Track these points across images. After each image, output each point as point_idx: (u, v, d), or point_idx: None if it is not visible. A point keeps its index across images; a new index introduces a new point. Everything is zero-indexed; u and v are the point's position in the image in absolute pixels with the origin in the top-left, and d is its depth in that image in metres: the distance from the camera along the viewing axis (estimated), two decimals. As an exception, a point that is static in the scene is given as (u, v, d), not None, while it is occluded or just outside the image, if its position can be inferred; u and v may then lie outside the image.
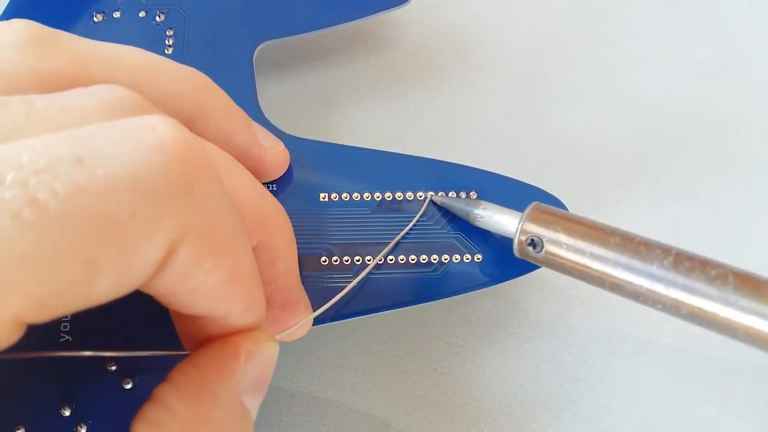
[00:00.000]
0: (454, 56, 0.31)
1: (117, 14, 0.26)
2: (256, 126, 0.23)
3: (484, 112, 0.30)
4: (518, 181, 0.24)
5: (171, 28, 0.26)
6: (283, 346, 0.24)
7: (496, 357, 0.25)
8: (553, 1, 0.33)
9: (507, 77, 0.31)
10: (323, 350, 0.25)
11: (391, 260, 0.22)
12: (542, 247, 0.20)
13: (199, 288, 0.16)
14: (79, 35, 0.25)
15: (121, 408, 0.20)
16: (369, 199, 0.23)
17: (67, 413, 0.20)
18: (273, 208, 0.19)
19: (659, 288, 0.19)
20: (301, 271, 0.22)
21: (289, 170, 0.23)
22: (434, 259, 0.22)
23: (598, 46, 0.32)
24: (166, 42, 0.25)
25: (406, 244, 0.22)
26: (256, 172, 0.22)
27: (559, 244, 0.20)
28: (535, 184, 0.24)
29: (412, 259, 0.22)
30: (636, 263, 0.19)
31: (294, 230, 0.22)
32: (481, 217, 0.22)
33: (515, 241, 0.21)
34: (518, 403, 0.25)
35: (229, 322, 0.18)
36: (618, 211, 0.28)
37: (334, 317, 0.22)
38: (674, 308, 0.19)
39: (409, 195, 0.23)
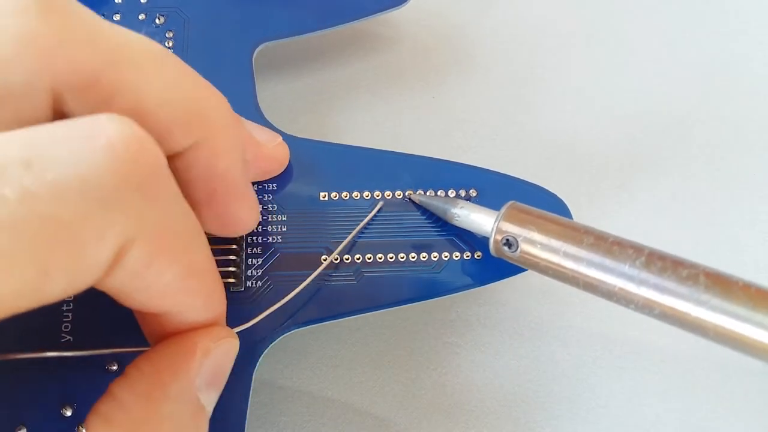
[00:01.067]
0: (452, 56, 0.31)
1: (117, 17, 0.26)
2: (251, 123, 0.23)
3: (483, 112, 0.30)
4: (518, 179, 0.24)
5: (171, 31, 0.26)
6: (283, 345, 0.24)
7: (495, 357, 0.25)
8: (551, 1, 0.33)
9: (506, 77, 0.31)
10: (323, 350, 0.25)
11: (390, 258, 0.22)
12: (517, 246, 0.20)
13: (153, 287, 0.16)
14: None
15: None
16: (369, 198, 0.23)
17: (68, 413, 0.20)
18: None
19: (631, 287, 0.19)
20: (300, 269, 0.22)
21: (289, 170, 0.23)
22: (434, 257, 0.22)
23: (596, 46, 0.32)
24: (166, 44, 0.26)
25: (406, 242, 0.22)
26: (255, 170, 0.22)
27: (534, 243, 0.20)
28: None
29: (412, 257, 0.22)
30: (608, 262, 0.19)
31: (295, 229, 0.22)
32: (458, 216, 0.22)
33: (491, 240, 0.21)
34: (517, 402, 0.25)
35: (186, 318, 0.18)
36: (617, 211, 0.28)
37: (334, 316, 0.22)
38: (646, 308, 0.19)
39: (409, 193, 0.23)
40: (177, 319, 0.17)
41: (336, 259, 0.22)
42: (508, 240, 0.20)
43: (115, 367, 0.20)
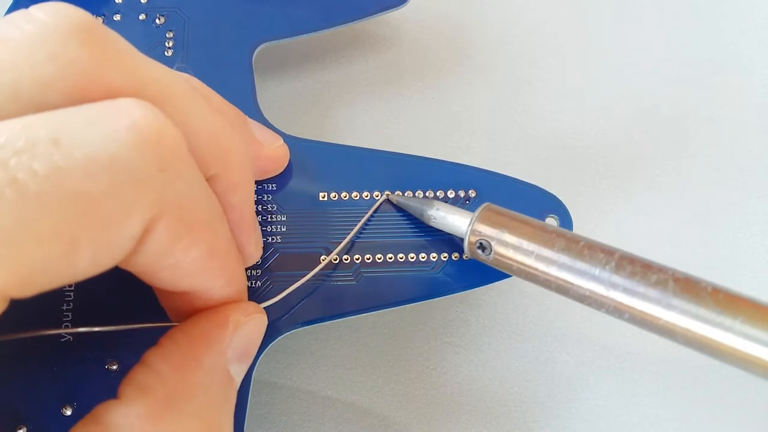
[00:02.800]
0: (452, 57, 0.31)
1: (117, 17, 0.26)
2: (253, 123, 0.23)
3: (482, 113, 0.30)
4: (517, 179, 0.24)
5: (171, 31, 0.26)
6: (283, 345, 0.24)
7: (494, 357, 0.26)
8: (550, 1, 0.33)
9: (505, 78, 0.31)
10: (323, 350, 0.25)
11: (390, 258, 0.22)
12: (491, 250, 0.20)
13: (179, 264, 0.16)
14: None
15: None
16: (368, 198, 0.23)
17: (68, 413, 0.20)
18: (232, 143, 0.19)
19: (602, 291, 0.19)
20: (299, 270, 0.22)
21: (289, 170, 0.23)
22: (433, 257, 0.22)
23: (596, 46, 0.32)
24: (166, 44, 0.26)
25: (405, 243, 0.23)
26: (255, 169, 0.22)
27: (507, 245, 0.20)
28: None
29: (411, 257, 0.22)
30: (580, 266, 0.19)
31: (294, 229, 0.23)
32: (434, 218, 0.22)
33: (465, 242, 0.21)
34: (517, 402, 0.25)
35: (212, 296, 0.18)
36: (615, 211, 0.28)
37: (334, 316, 0.22)
38: (617, 312, 0.19)
39: (408, 194, 0.23)
40: (203, 297, 0.18)
41: (336, 259, 0.22)
42: (481, 243, 0.21)
43: (115, 367, 0.21)
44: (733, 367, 0.17)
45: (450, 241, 0.23)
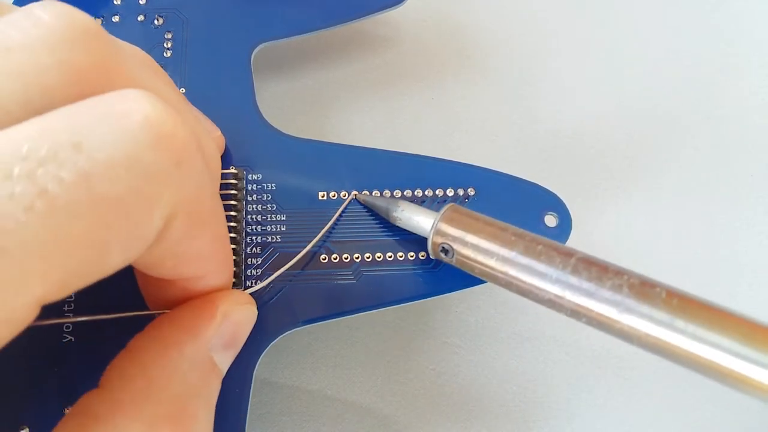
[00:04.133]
0: (452, 57, 0.32)
1: (116, 18, 0.26)
2: (195, 110, 0.23)
3: (482, 113, 0.30)
4: (516, 177, 0.24)
5: (170, 32, 0.26)
6: (283, 345, 0.25)
7: (494, 357, 0.26)
8: (550, 1, 0.33)
9: (505, 78, 0.31)
10: (323, 350, 0.26)
11: (390, 257, 0.22)
12: (453, 254, 0.21)
13: (186, 253, 0.17)
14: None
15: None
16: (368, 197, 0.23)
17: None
18: (207, 142, 0.20)
19: (560, 293, 0.19)
20: (301, 269, 0.22)
21: (288, 170, 0.24)
22: (375, 194, 0.23)
23: (595, 46, 0.32)
24: (165, 45, 0.26)
25: (404, 241, 0.23)
26: None
27: (468, 246, 0.20)
28: (532, 183, 0.24)
29: (411, 256, 0.23)
30: (539, 268, 0.19)
31: (294, 229, 0.23)
32: (400, 219, 0.22)
33: (429, 243, 0.21)
34: (516, 402, 0.25)
35: (205, 284, 0.19)
36: (616, 211, 0.29)
37: (334, 315, 0.22)
38: (575, 315, 0.19)
39: (407, 192, 0.23)
40: (196, 285, 0.19)
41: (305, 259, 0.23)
42: (444, 248, 0.21)
43: None
44: (690, 370, 0.17)
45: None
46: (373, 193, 0.23)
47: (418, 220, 0.22)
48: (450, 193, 0.23)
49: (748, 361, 0.16)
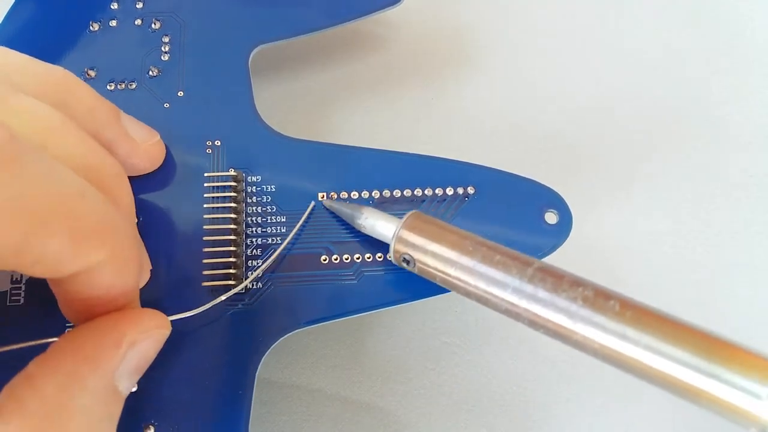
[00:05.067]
0: (451, 58, 0.32)
1: (113, 23, 0.27)
2: (128, 118, 0.23)
3: (481, 113, 0.31)
4: (514, 174, 0.24)
5: (167, 35, 0.26)
6: (283, 345, 0.25)
7: (493, 357, 0.26)
8: (550, 2, 0.34)
9: (504, 78, 0.32)
10: (323, 350, 0.26)
11: (390, 256, 0.23)
12: (414, 263, 0.21)
13: (45, 257, 0.16)
14: (77, 45, 0.26)
15: (126, 410, 0.20)
16: (367, 197, 0.24)
17: None
18: (108, 164, 0.20)
19: (517, 302, 0.19)
20: (301, 270, 0.23)
21: (288, 171, 0.24)
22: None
23: (594, 46, 0.33)
24: (163, 49, 0.26)
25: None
26: (127, 166, 0.22)
27: (429, 253, 0.20)
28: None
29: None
30: (498, 276, 0.19)
31: (293, 230, 0.23)
32: (363, 227, 0.22)
33: (391, 250, 0.21)
34: (515, 402, 0.25)
35: (102, 280, 0.17)
36: (615, 211, 0.29)
37: (335, 315, 0.22)
38: (533, 324, 0.19)
39: (407, 192, 0.24)
40: (96, 281, 0.17)
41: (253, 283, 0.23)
42: (405, 259, 0.21)
43: None
44: (644, 381, 0.17)
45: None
46: (372, 194, 0.24)
47: (381, 227, 0.22)
48: (450, 191, 0.24)
49: (702, 373, 0.16)
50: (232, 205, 0.23)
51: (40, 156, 0.16)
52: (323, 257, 0.23)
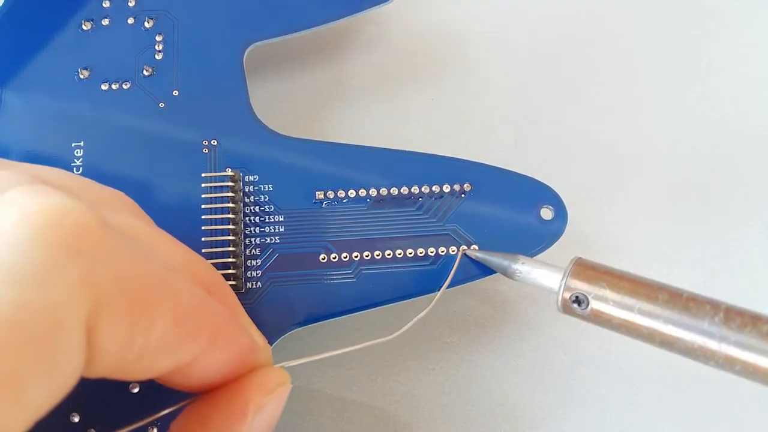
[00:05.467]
0: (451, 57, 0.32)
1: (105, 21, 0.27)
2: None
3: (480, 114, 0.31)
4: (511, 171, 0.24)
5: (160, 34, 0.26)
6: (283, 345, 0.25)
7: (492, 357, 0.26)
8: (548, 2, 0.34)
9: (503, 78, 0.32)
10: (323, 350, 0.26)
11: (388, 255, 0.23)
12: (588, 304, 0.20)
13: (146, 348, 0.14)
14: (68, 43, 0.26)
15: (128, 412, 0.20)
16: (364, 195, 0.24)
17: (76, 419, 0.20)
18: (203, 268, 0.19)
19: (712, 345, 0.18)
20: (300, 269, 0.23)
21: (285, 170, 0.24)
22: (431, 252, 0.23)
23: (593, 46, 0.32)
24: (156, 47, 0.26)
25: (402, 238, 0.23)
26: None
27: (606, 300, 0.20)
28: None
29: (410, 253, 0.23)
30: (686, 320, 0.19)
31: (293, 229, 0.23)
32: (520, 273, 0.22)
33: (559, 298, 0.21)
34: (514, 402, 0.25)
35: (205, 364, 0.16)
36: (615, 211, 0.29)
37: (335, 314, 0.22)
38: (728, 364, 0.18)
39: (404, 190, 0.24)
40: (199, 368, 0.16)
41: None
42: (577, 297, 0.20)
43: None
44: None
45: (447, 236, 0.23)
46: (370, 192, 0.24)
47: (541, 274, 0.22)
48: (446, 189, 0.24)
49: None
50: (230, 205, 0.23)
51: (133, 241, 0.15)
52: (322, 256, 0.23)
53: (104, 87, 0.25)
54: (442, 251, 0.23)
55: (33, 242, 0.12)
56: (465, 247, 0.23)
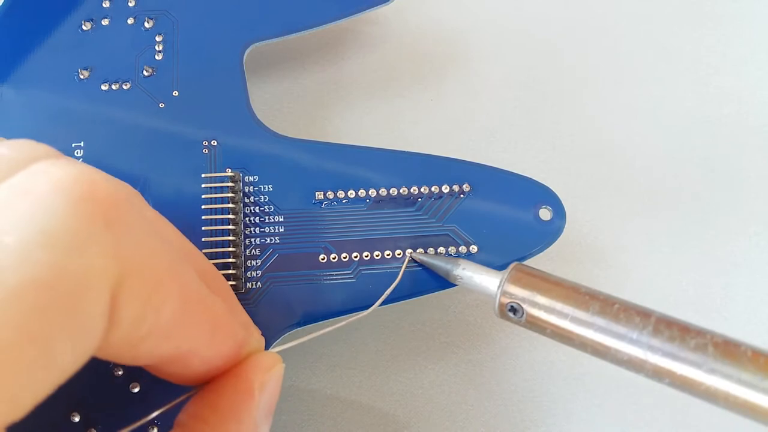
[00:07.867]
0: (450, 58, 0.32)
1: (105, 21, 0.27)
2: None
3: (480, 114, 0.31)
4: (509, 171, 0.25)
5: (160, 34, 0.27)
6: (280, 343, 0.25)
7: (492, 357, 0.27)
8: (548, 3, 0.34)
9: (503, 79, 0.32)
10: (323, 350, 0.27)
11: (388, 255, 0.23)
12: (523, 312, 0.21)
13: (156, 328, 0.15)
14: (68, 43, 0.26)
15: (129, 411, 0.21)
16: (363, 195, 0.24)
17: (76, 419, 0.21)
18: (203, 262, 0.20)
19: (641, 355, 0.19)
20: (300, 269, 0.23)
21: (285, 171, 0.25)
22: (430, 252, 0.24)
23: (592, 47, 0.33)
24: (156, 48, 0.26)
25: (402, 239, 0.24)
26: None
27: (540, 307, 0.21)
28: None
29: (409, 253, 0.23)
30: (616, 330, 0.19)
31: (292, 230, 0.24)
32: (461, 278, 0.23)
33: (496, 303, 0.21)
34: (514, 402, 0.26)
35: (203, 356, 0.17)
36: (613, 213, 0.29)
37: (334, 314, 0.23)
38: (657, 375, 0.19)
39: (404, 190, 0.24)
40: (197, 357, 0.17)
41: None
42: (513, 307, 0.21)
43: (120, 372, 0.21)
44: None
45: (446, 237, 0.24)
46: (369, 192, 0.24)
47: (481, 279, 0.22)
48: (446, 189, 0.24)
49: None
50: (230, 205, 0.24)
51: (150, 223, 0.16)
52: (321, 256, 0.23)
53: (104, 87, 0.26)
54: (441, 252, 0.23)
55: (70, 210, 0.13)
56: (411, 250, 0.24)
